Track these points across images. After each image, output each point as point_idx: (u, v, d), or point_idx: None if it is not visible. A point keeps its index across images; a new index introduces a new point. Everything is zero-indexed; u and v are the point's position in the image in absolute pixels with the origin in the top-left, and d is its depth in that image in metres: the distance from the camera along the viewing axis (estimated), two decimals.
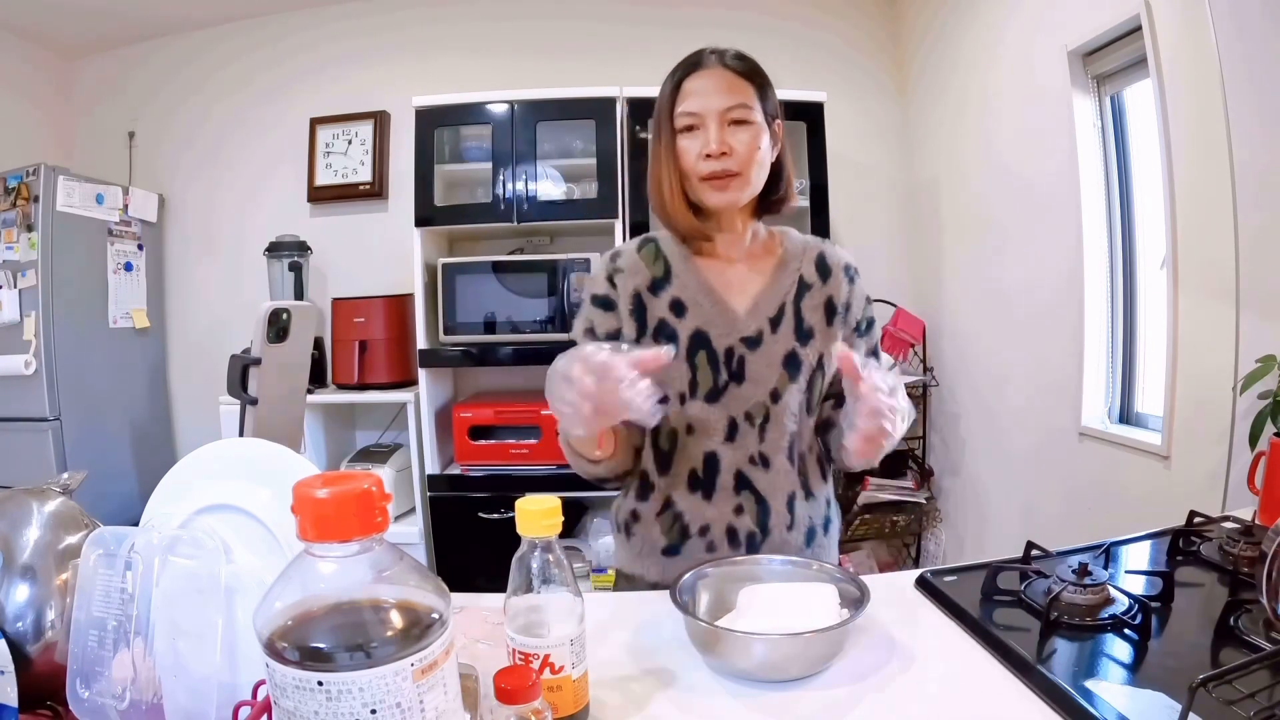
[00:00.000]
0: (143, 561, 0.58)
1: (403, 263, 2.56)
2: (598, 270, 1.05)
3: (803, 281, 1.01)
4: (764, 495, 0.99)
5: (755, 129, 0.94)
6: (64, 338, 2.47)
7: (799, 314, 1.00)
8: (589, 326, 1.03)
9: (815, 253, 1.04)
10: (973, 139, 2.41)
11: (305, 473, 0.51)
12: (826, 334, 1.00)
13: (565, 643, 0.60)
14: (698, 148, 0.94)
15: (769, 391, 0.98)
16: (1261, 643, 0.69)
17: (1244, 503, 1.22)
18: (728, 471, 0.99)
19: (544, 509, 0.60)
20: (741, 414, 0.98)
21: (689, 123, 0.94)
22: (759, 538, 0.99)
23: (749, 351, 0.98)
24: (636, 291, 1.00)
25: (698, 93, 0.94)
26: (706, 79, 0.94)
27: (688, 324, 0.98)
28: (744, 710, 0.66)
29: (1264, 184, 1.39)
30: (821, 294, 1.01)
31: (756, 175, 0.96)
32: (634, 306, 1.00)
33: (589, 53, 2.83)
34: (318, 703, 0.40)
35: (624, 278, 1.01)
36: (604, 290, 1.02)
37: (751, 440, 0.98)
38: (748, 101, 0.94)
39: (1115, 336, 1.94)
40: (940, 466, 2.74)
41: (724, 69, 0.94)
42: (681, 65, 0.97)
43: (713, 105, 0.93)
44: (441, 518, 2.46)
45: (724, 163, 0.93)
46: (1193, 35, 1.48)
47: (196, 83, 2.94)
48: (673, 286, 0.99)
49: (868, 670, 0.71)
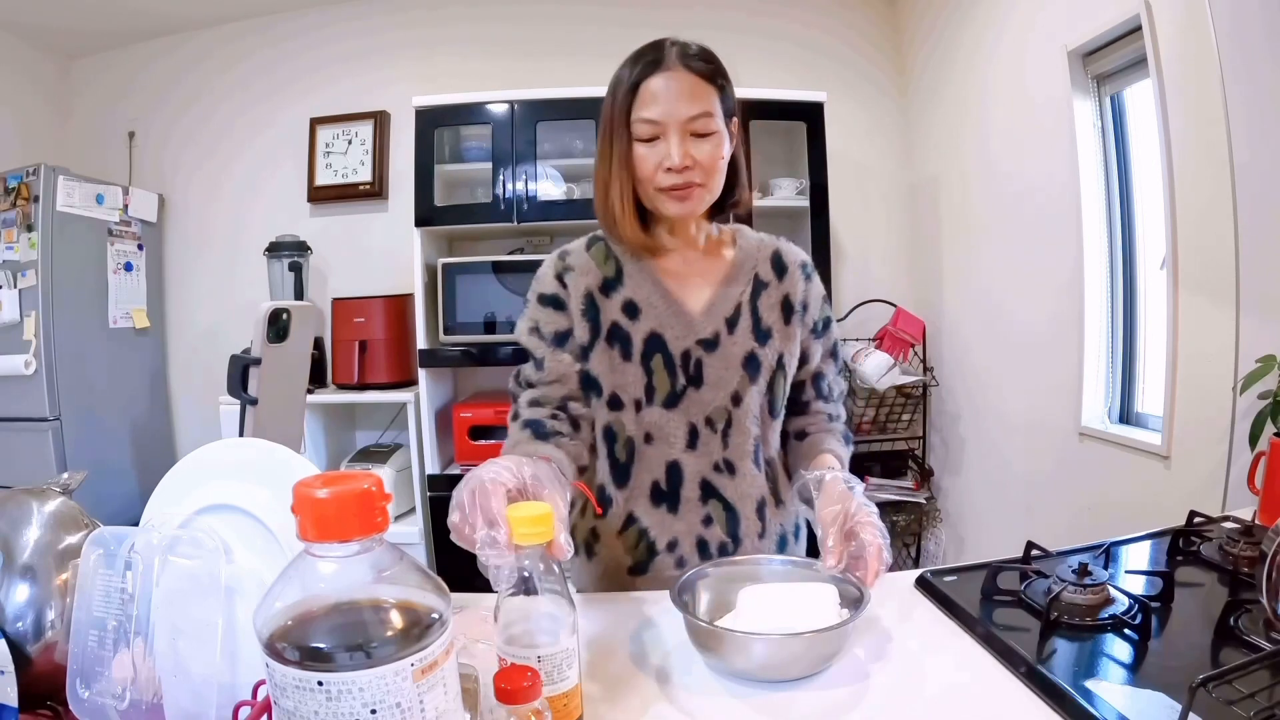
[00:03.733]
0: (143, 561, 0.58)
1: (403, 263, 2.56)
2: (545, 269, 1.00)
3: (758, 280, 0.98)
4: (732, 503, 0.96)
5: (717, 138, 0.89)
6: (64, 338, 2.47)
7: (756, 313, 0.96)
8: (534, 326, 0.98)
9: (770, 250, 1.01)
10: (972, 139, 2.41)
11: (305, 473, 0.51)
12: (785, 333, 0.97)
13: (556, 653, 0.58)
14: (656, 158, 0.88)
15: (729, 395, 0.94)
16: (1261, 643, 0.69)
17: (1244, 503, 1.22)
18: (692, 481, 0.95)
19: (534, 516, 0.59)
20: (702, 419, 0.94)
21: (649, 132, 0.88)
22: (731, 548, 0.96)
23: (706, 354, 0.94)
24: (588, 291, 0.95)
25: (659, 98, 0.87)
26: (668, 82, 0.87)
27: (642, 326, 0.94)
28: (744, 711, 0.66)
29: (1264, 184, 1.39)
30: (778, 292, 0.98)
31: (717, 184, 0.92)
32: (585, 307, 0.95)
33: (589, 53, 2.82)
34: (318, 703, 0.40)
35: (574, 276, 0.96)
36: (552, 289, 0.97)
37: (715, 446, 0.95)
38: (710, 109, 0.88)
39: (1115, 336, 1.94)
40: (940, 466, 2.74)
41: (686, 71, 0.88)
42: (639, 61, 0.90)
43: (675, 114, 0.87)
44: (441, 518, 2.44)
45: (686, 176, 0.88)
46: (1193, 35, 1.48)
47: (196, 83, 2.94)
48: (625, 288, 0.95)
49: (868, 671, 0.71)
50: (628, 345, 0.94)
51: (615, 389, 0.95)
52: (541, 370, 0.96)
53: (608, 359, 0.94)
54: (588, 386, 0.96)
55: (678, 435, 0.95)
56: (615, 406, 0.95)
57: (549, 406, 0.95)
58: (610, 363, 0.94)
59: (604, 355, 0.95)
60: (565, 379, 0.96)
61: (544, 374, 0.96)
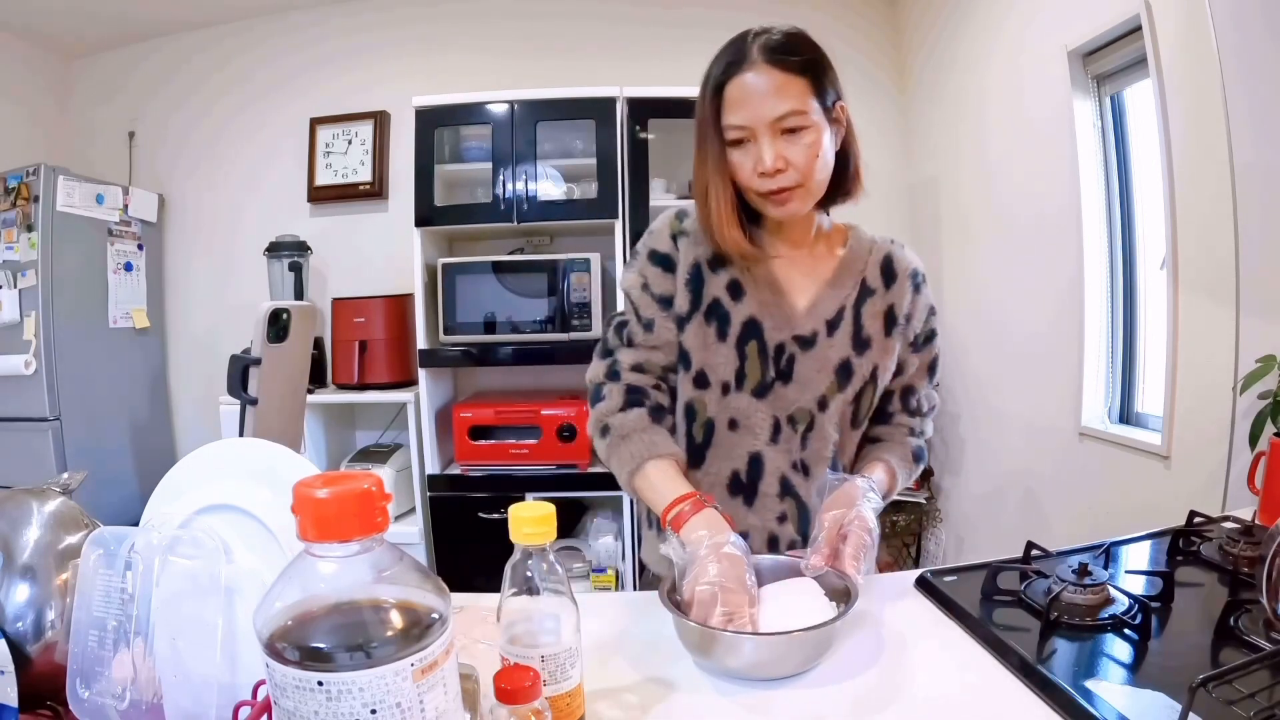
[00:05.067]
0: (143, 561, 0.58)
1: (403, 263, 2.56)
2: (660, 226, 0.96)
3: (865, 286, 0.94)
4: (806, 503, 0.94)
5: (813, 133, 0.84)
6: (64, 338, 2.47)
7: (858, 320, 0.93)
8: (644, 283, 0.94)
9: (881, 255, 0.96)
10: (972, 139, 2.41)
11: (305, 473, 0.51)
12: (884, 345, 0.94)
13: (559, 653, 0.58)
14: (751, 163, 0.85)
15: (816, 398, 0.92)
16: (1261, 643, 0.69)
17: (1244, 503, 1.22)
18: (772, 475, 0.93)
19: (536, 516, 0.58)
20: (785, 416, 0.92)
21: (738, 136, 0.85)
22: (800, 546, 0.93)
23: (801, 351, 0.92)
24: (697, 262, 0.92)
25: (743, 101, 0.83)
26: (751, 81, 0.82)
27: (742, 309, 0.91)
28: (745, 711, 0.66)
29: (1264, 184, 1.39)
30: (883, 301, 0.94)
31: (819, 181, 0.87)
32: (691, 276, 0.92)
33: (589, 53, 2.82)
34: (318, 703, 0.40)
35: (688, 242, 0.93)
36: (666, 248, 0.94)
37: (794, 445, 0.93)
38: (801, 106, 0.82)
39: (1115, 336, 1.94)
40: (940, 466, 2.74)
41: (770, 67, 0.82)
42: (721, 62, 0.85)
43: (761, 116, 0.82)
44: (441, 518, 2.46)
45: (780, 180, 0.84)
46: (1193, 35, 1.48)
47: (196, 83, 2.94)
48: (734, 267, 0.92)
49: (868, 671, 0.71)
50: (725, 325, 0.91)
51: (704, 367, 0.93)
52: (651, 333, 0.94)
53: (702, 335, 0.92)
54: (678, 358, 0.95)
55: (763, 427, 0.93)
56: (701, 385, 0.93)
57: (652, 375, 0.94)
58: (704, 339, 0.92)
59: (699, 330, 0.92)
60: (669, 347, 0.94)
61: (652, 337, 0.94)
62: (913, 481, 1.06)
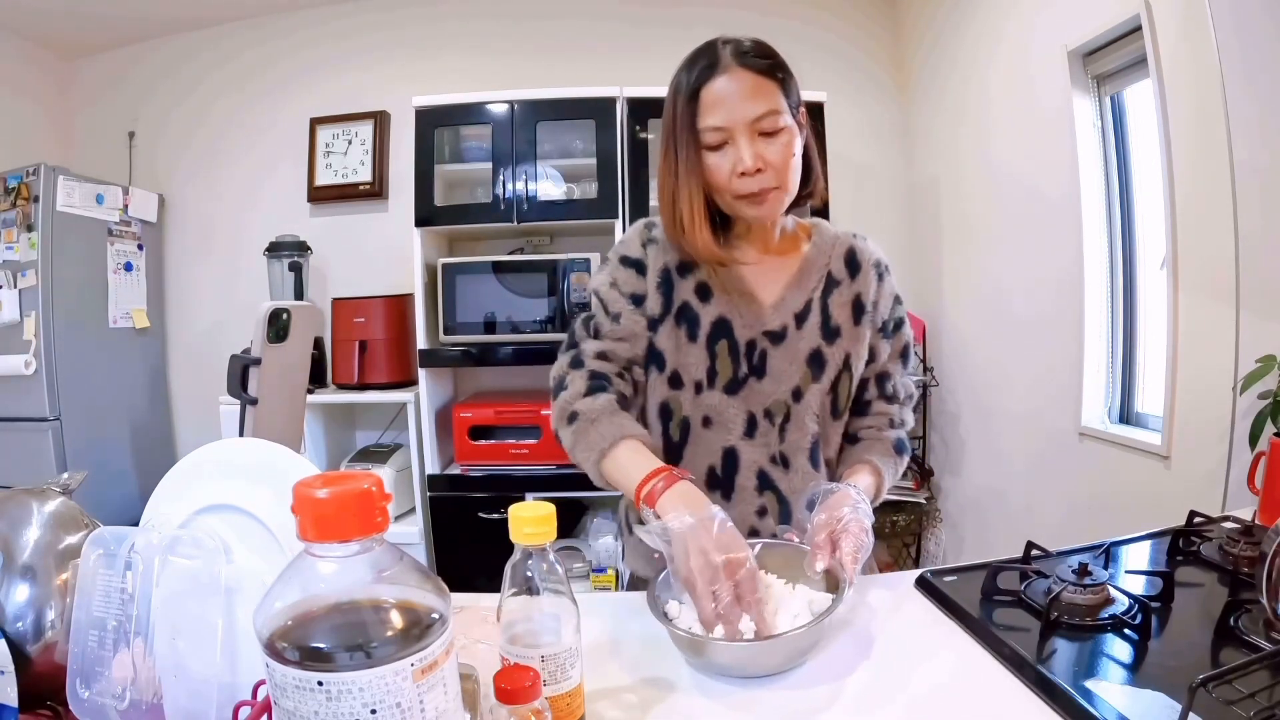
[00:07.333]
0: (143, 561, 0.58)
1: (403, 263, 2.56)
2: (631, 234, 0.99)
3: (831, 278, 0.97)
4: (786, 497, 0.95)
5: (788, 134, 0.86)
6: (64, 338, 2.47)
7: (826, 311, 0.96)
8: (614, 281, 0.97)
9: (845, 247, 0.99)
10: (972, 139, 2.41)
11: (305, 473, 0.51)
12: (853, 333, 0.97)
13: (560, 653, 0.58)
14: (729, 165, 0.86)
15: (790, 389, 0.94)
16: (1261, 643, 0.69)
17: (1244, 503, 1.22)
18: (748, 469, 0.95)
19: (536, 516, 0.58)
20: (761, 410, 0.95)
21: (717, 139, 0.86)
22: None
23: (771, 346, 0.94)
24: (666, 267, 0.95)
25: (721, 103, 0.85)
26: (727, 84, 0.85)
27: (711, 310, 0.94)
28: (745, 711, 0.66)
29: (1264, 184, 1.39)
30: (850, 291, 0.97)
31: (793, 183, 0.89)
32: (661, 280, 0.95)
33: (589, 53, 2.82)
34: (318, 703, 0.40)
35: (657, 249, 0.96)
36: (637, 254, 0.96)
37: (772, 439, 0.95)
38: (775, 105, 0.85)
39: (1115, 336, 1.94)
40: (940, 466, 2.74)
41: (744, 70, 0.85)
42: (694, 67, 0.87)
43: (740, 116, 0.84)
44: (441, 518, 2.46)
45: (760, 180, 0.86)
46: (1193, 35, 1.48)
47: (196, 82, 2.94)
48: (700, 271, 0.95)
49: (868, 671, 0.72)
50: (695, 327, 0.94)
51: (678, 367, 0.95)
52: (617, 324, 0.96)
53: (674, 337, 0.95)
54: (651, 359, 0.97)
55: (736, 422, 0.95)
56: (675, 385, 0.96)
57: (616, 364, 0.95)
58: (676, 341, 0.95)
59: (671, 332, 0.95)
60: (635, 340, 0.96)
61: (618, 328, 0.96)
62: (913, 481, 1.06)
